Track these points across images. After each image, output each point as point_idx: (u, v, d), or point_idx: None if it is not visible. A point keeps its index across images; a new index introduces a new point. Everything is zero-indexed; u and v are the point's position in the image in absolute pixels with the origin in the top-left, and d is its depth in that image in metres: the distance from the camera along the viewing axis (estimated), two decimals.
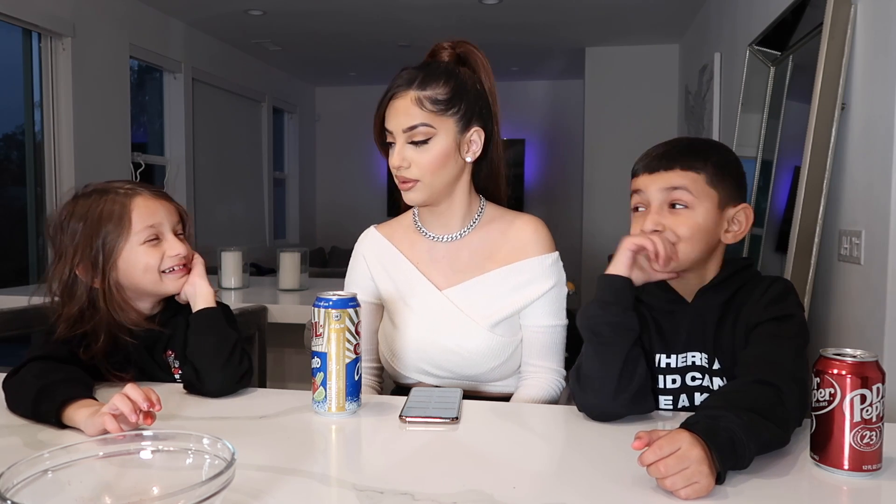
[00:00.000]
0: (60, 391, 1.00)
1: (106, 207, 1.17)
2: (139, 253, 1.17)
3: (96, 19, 3.86)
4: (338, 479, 0.82)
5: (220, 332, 1.18)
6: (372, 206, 7.11)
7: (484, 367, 1.27)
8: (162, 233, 1.20)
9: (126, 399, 0.91)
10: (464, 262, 1.31)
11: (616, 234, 4.87)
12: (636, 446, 0.79)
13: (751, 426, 0.83)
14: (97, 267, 1.16)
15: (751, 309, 1.05)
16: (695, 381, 1.09)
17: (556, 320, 1.30)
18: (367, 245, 1.39)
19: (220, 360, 1.15)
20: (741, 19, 3.34)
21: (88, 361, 1.16)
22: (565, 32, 5.08)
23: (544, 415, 1.12)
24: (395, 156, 1.23)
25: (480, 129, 1.27)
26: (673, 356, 1.11)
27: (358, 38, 5.22)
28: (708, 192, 1.06)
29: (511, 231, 1.31)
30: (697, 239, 1.06)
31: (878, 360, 0.82)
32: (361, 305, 1.11)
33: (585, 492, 0.79)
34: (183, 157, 4.81)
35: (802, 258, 2.03)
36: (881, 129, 1.77)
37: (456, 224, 1.32)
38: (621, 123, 5.53)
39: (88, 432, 0.93)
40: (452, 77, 1.25)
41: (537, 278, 1.28)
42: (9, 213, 3.76)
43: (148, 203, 1.19)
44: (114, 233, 1.16)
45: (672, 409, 1.10)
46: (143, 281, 1.19)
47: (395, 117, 1.23)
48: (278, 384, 2.57)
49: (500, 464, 0.88)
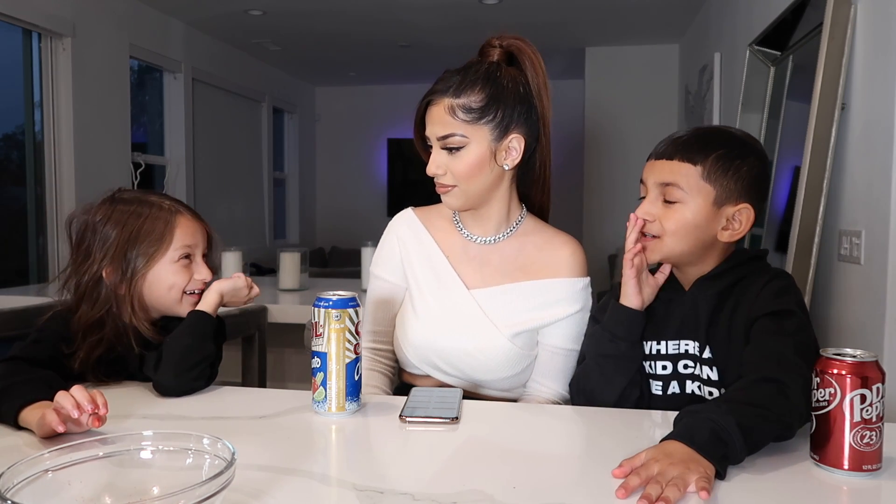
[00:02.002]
0: (19, 392, 0.98)
1: (149, 219, 1.18)
2: (169, 271, 1.19)
3: (96, 19, 3.86)
4: (338, 479, 0.82)
5: (198, 339, 1.17)
6: (372, 206, 7.12)
7: (496, 375, 1.26)
8: (194, 255, 1.22)
9: (70, 397, 0.90)
10: (493, 267, 1.29)
11: (616, 235, 4.94)
12: (616, 474, 0.79)
13: (730, 411, 0.83)
14: (125, 275, 1.17)
15: (750, 302, 1.04)
16: (686, 368, 1.10)
17: (574, 345, 1.28)
18: (403, 226, 1.37)
19: (182, 365, 1.14)
20: (741, 19, 3.34)
21: (79, 366, 1.15)
22: (565, 32, 5.08)
23: (544, 415, 1.12)
24: (431, 163, 1.23)
25: (520, 137, 1.23)
26: (664, 342, 1.12)
27: (358, 38, 5.22)
28: (702, 186, 1.06)
29: (548, 248, 1.30)
30: (683, 234, 1.06)
31: (878, 360, 0.82)
32: (386, 286, 1.11)
33: (585, 492, 0.79)
34: (183, 157, 4.81)
35: (802, 258, 2.03)
36: (881, 129, 1.77)
37: (491, 228, 1.30)
38: (621, 123, 5.53)
39: (38, 433, 0.92)
40: (490, 83, 1.21)
41: (565, 300, 1.27)
42: (9, 213, 3.76)
43: (189, 223, 1.22)
44: (153, 245, 1.18)
45: (661, 393, 1.12)
46: (165, 297, 1.20)
47: (430, 125, 1.23)
48: (278, 384, 2.57)
49: (500, 464, 0.88)
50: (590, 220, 5.62)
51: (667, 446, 0.81)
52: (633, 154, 5.46)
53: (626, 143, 5.51)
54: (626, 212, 1.18)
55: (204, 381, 1.18)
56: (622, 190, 5.43)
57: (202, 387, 1.18)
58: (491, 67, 1.23)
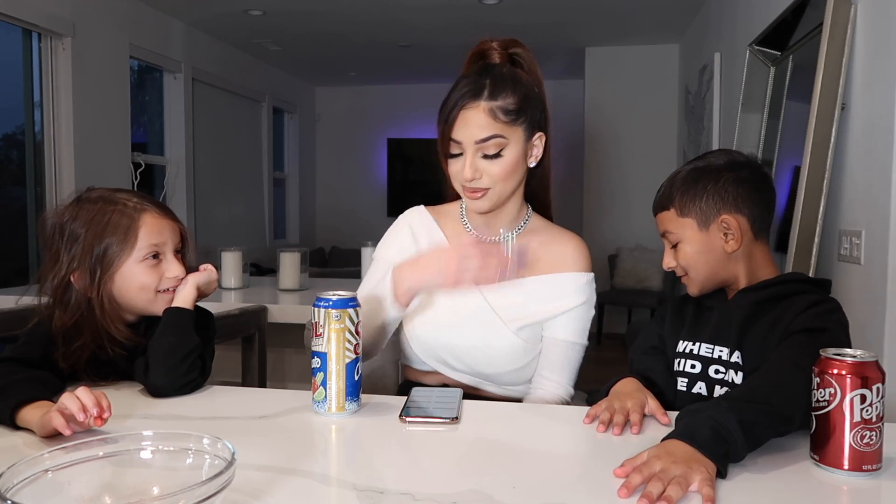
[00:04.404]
0: (16, 392, 0.98)
1: (113, 218, 1.14)
2: (138, 271, 1.16)
3: (96, 19, 3.86)
4: (338, 479, 0.82)
5: (180, 334, 1.16)
6: (372, 206, 7.12)
7: (502, 368, 1.29)
8: (163, 252, 1.19)
9: (76, 399, 0.90)
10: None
11: (616, 235, 4.93)
12: (618, 473, 0.80)
13: (731, 409, 0.84)
14: (93, 277, 1.14)
15: (792, 317, 1.06)
16: (718, 374, 1.12)
17: (577, 338, 1.31)
18: (416, 219, 1.39)
19: (169, 363, 1.13)
20: (741, 19, 3.34)
21: (69, 369, 1.14)
22: (565, 32, 5.09)
23: (544, 415, 1.12)
24: (468, 168, 1.21)
25: (542, 135, 1.27)
26: (698, 343, 1.15)
27: (358, 39, 5.22)
28: (683, 222, 1.15)
29: (553, 245, 1.33)
30: (697, 264, 1.15)
31: (878, 360, 0.82)
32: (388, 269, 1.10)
33: (585, 492, 0.79)
34: (183, 157, 4.81)
35: (802, 258, 2.03)
36: (881, 129, 1.77)
37: (499, 228, 1.33)
38: (621, 123, 5.53)
39: (39, 433, 0.92)
40: (518, 84, 1.23)
41: (569, 293, 1.30)
42: (9, 213, 3.76)
43: (155, 221, 1.18)
44: (117, 246, 1.14)
45: (685, 390, 1.14)
46: (137, 298, 1.18)
47: (465, 128, 1.21)
48: (278, 384, 2.57)
49: (500, 464, 0.88)
50: (590, 220, 5.61)
51: (668, 445, 0.82)
52: (633, 154, 5.47)
53: (626, 144, 5.51)
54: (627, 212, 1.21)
55: (197, 373, 1.16)
56: (622, 190, 5.43)
57: (197, 381, 1.17)
58: (509, 69, 1.26)
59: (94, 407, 0.90)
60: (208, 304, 1.29)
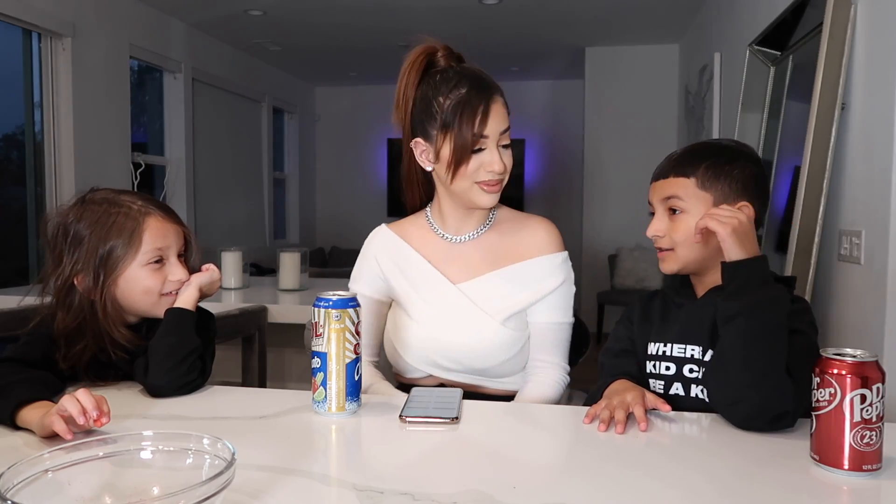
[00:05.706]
0: (16, 392, 0.98)
1: (118, 221, 1.14)
2: (142, 275, 1.16)
3: (96, 19, 3.86)
4: (338, 479, 0.82)
5: (181, 335, 1.16)
6: (372, 206, 7.12)
7: (494, 361, 1.29)
8: (167, 256, 1.19)
9: (76, 402, 0.89)
10: (477, 261, 1.34)
11: (616, 234, 4.92)
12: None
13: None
14: (97, 280, 1.14)
15: None
16: (692, 373, 1.12)
17: (563, 318, 1.33)
18: (380, 243, 1.39)
19: (169, 363, 1.13)
20: (741, 19, 3.34)
21: (69, 370, 1.14)
22: (565, 32, 5.09)
23: (544, 415, 1.12)
24: (496, 162, 1.24)
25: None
26: (669, 345, 1.14)
27: (358, 39, 5.22)
28: (700, 195, 1.11)
29: (523, 231, 1.35)
30: (692, 242, 1.11)
31: (878, 360, 0.82)
32: (366, 302, 1.10)
33: (586, 492, 0.79)
34: (183, 157, 4.81)
35: (802, 258, 2.03)
36: (881, 129, 1.78)
37: (472, 226, 1.35)
38: (621, 123, 5.53)
39: (39, 434, 0.92)
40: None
41: (547, 276, 1.32)
42: (9, 213, 3.76)
43: (160, 224, 1.18)
44: (121, 249, 1.14)
45: (663, 393, 1.13)
46: (140, 302, 1.18)
47: (495, 121, 1.24)
48: (278, 384, 2.57)
49: (500, 464, 0.88)
50: (590, 220, 5.62)
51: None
52: (633, 154, 5.47)
53: (626, 144, 5.51)
54: (627, 212, 1.20)
55: (196, 374, 1.16)
56: (622, 190, 5.43)
57: (197, 382, 1.17)
58: None
59: (94, 410, 0.90)
60: (208, 304, 1.29)
